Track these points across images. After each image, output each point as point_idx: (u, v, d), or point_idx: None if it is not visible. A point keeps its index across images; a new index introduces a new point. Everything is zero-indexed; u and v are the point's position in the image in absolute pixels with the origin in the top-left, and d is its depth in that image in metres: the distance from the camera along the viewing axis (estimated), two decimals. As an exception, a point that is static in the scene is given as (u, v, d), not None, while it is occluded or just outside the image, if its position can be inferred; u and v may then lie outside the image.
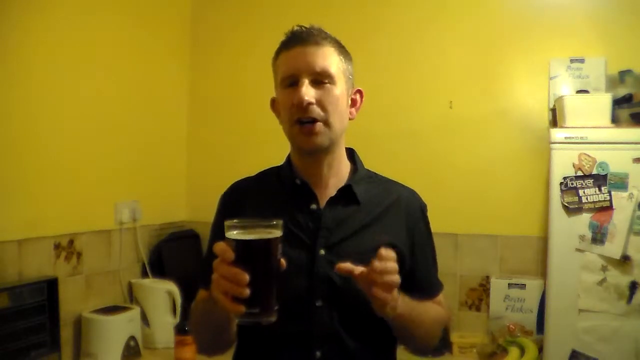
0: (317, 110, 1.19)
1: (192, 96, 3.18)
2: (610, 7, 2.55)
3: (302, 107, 1.18)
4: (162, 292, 2.59)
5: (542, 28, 2.63)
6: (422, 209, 1.36)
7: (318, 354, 1.19)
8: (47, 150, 2.25)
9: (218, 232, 1.28)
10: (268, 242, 0.96)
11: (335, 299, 1.19)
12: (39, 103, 2.21)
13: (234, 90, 3.08)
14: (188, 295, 2.67)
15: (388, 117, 2.80)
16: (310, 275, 1.19)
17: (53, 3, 2.27)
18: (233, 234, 0.96)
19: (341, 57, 1.25)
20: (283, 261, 0.99)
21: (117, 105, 2.61)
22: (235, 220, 0.96)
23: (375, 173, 1.36)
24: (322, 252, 1.21)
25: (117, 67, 2.60)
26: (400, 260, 1.26)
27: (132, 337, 2.40)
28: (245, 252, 0.94)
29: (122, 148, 2.64)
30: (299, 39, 1.22)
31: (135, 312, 2.47)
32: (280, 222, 0.98)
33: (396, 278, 1.05)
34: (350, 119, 1.28)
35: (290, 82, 1.21)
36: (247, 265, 0.93)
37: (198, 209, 3.07)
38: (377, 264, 1.04)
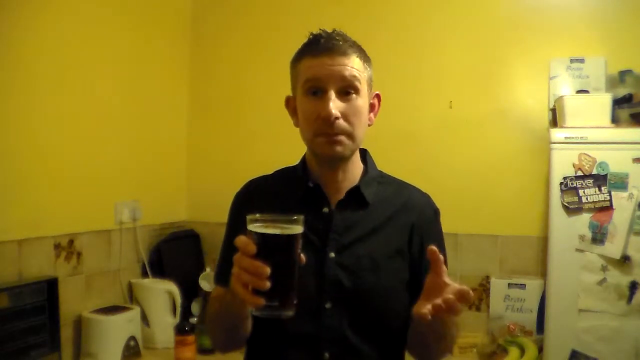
0: (342, 125, 1.18)
1: (192, 97, 3.17)
2: (610, 7, 2.55)
3: (329, 122, 1.17)
4: (162, 292, 2.59)
5: (542, 28, 2.63)
6: (435, 212, 1.35)
7: (327, 355, 1.19)
8: (47, 150, 2.25)
9: (234, 229, 1.28)
10: (290, 236, 0.97)
11: (345, 301, 1.19)
12: (39, 103, 2.21)
13: (234, 91, 3.08)
14: (188, 295, 2.68)
15: (388, 117, 2.76)
16: (320, 278, 1.19)
17: (53, 4, 2.27)
18: (255, 228, 0.96)
19: (365, 65, 1.24)
20: (303, 256, 0.99)
21: (117, 106, 2.61)
22: (257, 215, 0.97)
23: (387, 174, 1.36)
24: (332, 254, 1.21)
25: (117, 67, 2.60)
26: (410, 266, 1.26)
27: (132, 337, 2.40)
28: (267, 246, 0.95)
29: (122, 148, 2.64)
30: (326, 48, 1.19)
31: (135, 312, 2.47)
32: (302, 217, 0.98)
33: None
34: (368, 125, 1.28)
35: (315, 91, 1.19)
36: (269, 259, 0.93)
37: (198, 209, 3.07)
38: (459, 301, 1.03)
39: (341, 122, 1.18)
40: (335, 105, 1.17)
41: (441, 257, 1.04)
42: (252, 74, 3.01)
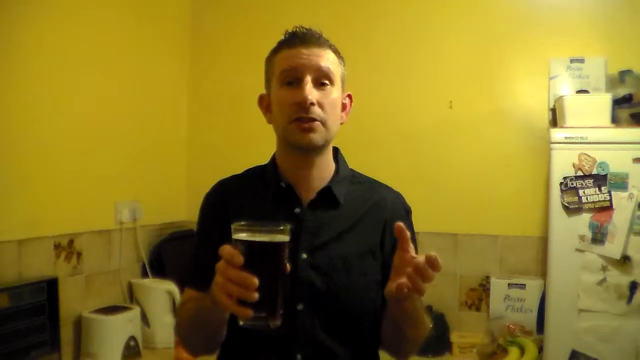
0: (317, 111, 1.19)
1: (192, 96, 3.18)
2: (610, 7, 2.55)
3: (305, 106, 1.17)
4: (162, 292, 2.59)
5: (542, 28, 2.63)
6: (407, 211, 1.33)
7: (299, 357, 1.18)
8: (47, 150, 2.25)
9: (206, 232, 1.28)
10: (278, 246, 0.95)
11: (317, 303, 1.18)
12: (39, 103, 2.21)
13: (234, 90, 3.08)
14: (188, 295, 2.67)
15: (388, 117, 2.80)
16: (292, 279, 1.16)
17: (53, 3, 2.27)
18: (242, 237, 0.94)
19: (339, 61, 1.26)
20: (288, 265, 0.98)
21: (117, 105, 2.61)
22: (242, 223, 0.95)
23: (359, 173, 1.35)
24: (304, 255, 1.20)
25: (117, 67, 2.60)
26: (383, 265, 1.24)
27: (132, 337, 2.40)
28: (255, 256, 0.93)
29: (122, 148, 2.64)
30: (302, 39, 1.22)
31: (135, 312, 2.47)
32: (288, 226, 0.97)
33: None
34: (340, 123, 1.28)
35: (290, 80, 1.21)
36: (256, 269, 0.91)
37: (198, 209, 3.06)
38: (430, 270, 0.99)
39: (316, 109, 1.19)
40: (311, 91, 1.18)
41: (408, 233, 1.03)
42: (252, 73, 2.96)
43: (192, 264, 1.31)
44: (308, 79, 1.19)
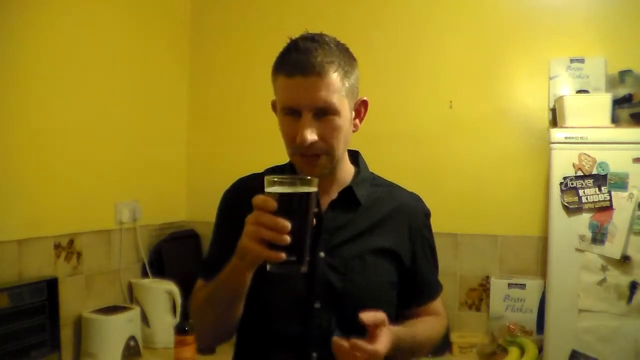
0: (319, 145, 1.16)
1: (192, 96, 3.18)
2: (610, 7, 2.55)
3: (305, 146, 1.14)
4: (162, 292, 2.59)
5: (542, 28, 2.63)
6: (426, 215, 1.35)
7: (314, 355, 1.19)
8: (47, 151, 2.25)
9: (223, 228, 1.30)
10: (307, 195, 1.02)
11: (334, 302, 1.19)
12: (39, 103, 2.21)
13: (234, 91, 3.08)
14: (188, 295, 2.67)
15: (388, 117, 2.79)
16: (310, 278, 1.18)
17: (53, 4, 2.27)
18: (273, 189, 1.00)
19: (345, 81, 1.16)
20: (314, 220, 1.03)
21: (117, 106, 2.61)
22: (274, 177, 1.01)
23: (379, 177, 1.36)
24: (322, 254, 1.21)
25: (117, 67, 2.60)
26: (399, 266, 1.27)
27: (132, 337, 2.40)
28: (286, 204, 0.99)
29: (122, 148, 2.64)
30: (300, 67, 1.12)
31: (135, 312, 2.47)
32: (316, 179, 1.03)
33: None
34: (353, 131, 1.25)
35: (291, 112, 1.17)
36: (287, 216, 0.97)
37: (198, 209, 3.07)
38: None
39: (318, 144, 1.15)
40: (310, 129, 1.13)
41: (376, 324, 1.07)
42: (252, 74, 2.99)
43: (206, 257, 1.34)
44: (306, 117, 1.14)
